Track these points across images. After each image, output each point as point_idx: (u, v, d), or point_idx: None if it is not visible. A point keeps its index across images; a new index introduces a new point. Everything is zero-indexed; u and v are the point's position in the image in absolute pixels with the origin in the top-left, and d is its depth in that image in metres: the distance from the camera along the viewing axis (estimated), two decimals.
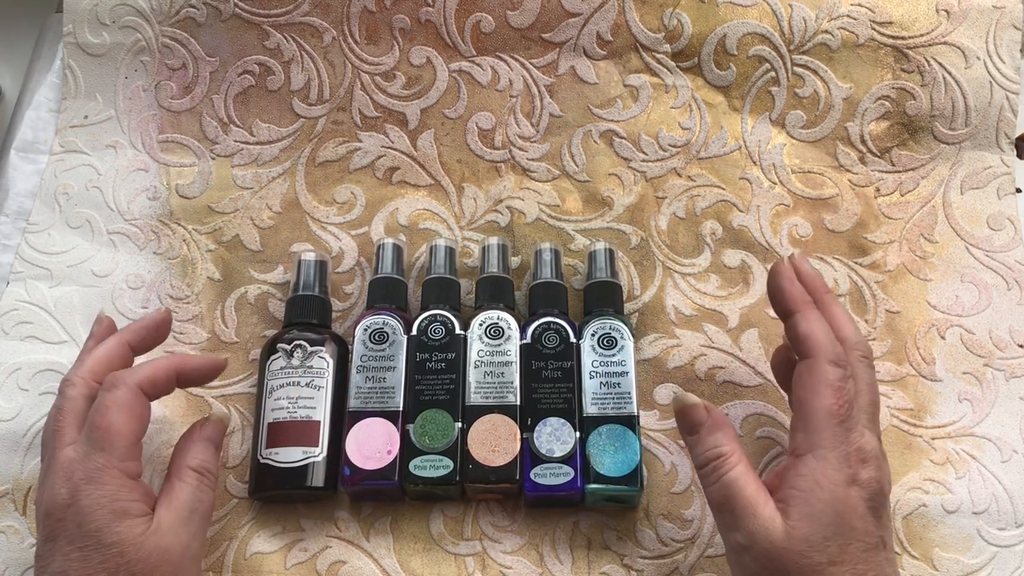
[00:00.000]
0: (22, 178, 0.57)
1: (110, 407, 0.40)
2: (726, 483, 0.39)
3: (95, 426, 0.39)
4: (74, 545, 0.37)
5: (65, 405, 0.41)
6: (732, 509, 0.39)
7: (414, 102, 0.57)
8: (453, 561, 0.46)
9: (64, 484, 0.38)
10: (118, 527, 0.38)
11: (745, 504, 0.38)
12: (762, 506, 0.38)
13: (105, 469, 0.39)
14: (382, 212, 0.55)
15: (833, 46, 0.55)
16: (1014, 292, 0.52)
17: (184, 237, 0.55)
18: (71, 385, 0.42)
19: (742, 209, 0.55)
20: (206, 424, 0.44)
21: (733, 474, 0.39)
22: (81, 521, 0.38)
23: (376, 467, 0.45)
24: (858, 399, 0.40)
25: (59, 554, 0.38)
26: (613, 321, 0.48)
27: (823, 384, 0.39)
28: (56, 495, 0.38)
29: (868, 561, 0.37)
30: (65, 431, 0.40)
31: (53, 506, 0.38)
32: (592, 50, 0.56)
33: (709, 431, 0.41)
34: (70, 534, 0.38)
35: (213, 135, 0.57)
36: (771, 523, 0.37)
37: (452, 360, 0.47)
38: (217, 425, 0.45)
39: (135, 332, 0.45)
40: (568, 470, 0.45)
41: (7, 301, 0.53)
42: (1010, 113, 0.55)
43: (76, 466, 0.39)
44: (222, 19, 0.57)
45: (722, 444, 0.40)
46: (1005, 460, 0.48)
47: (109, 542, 0.37)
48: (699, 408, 0.41)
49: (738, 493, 0.38)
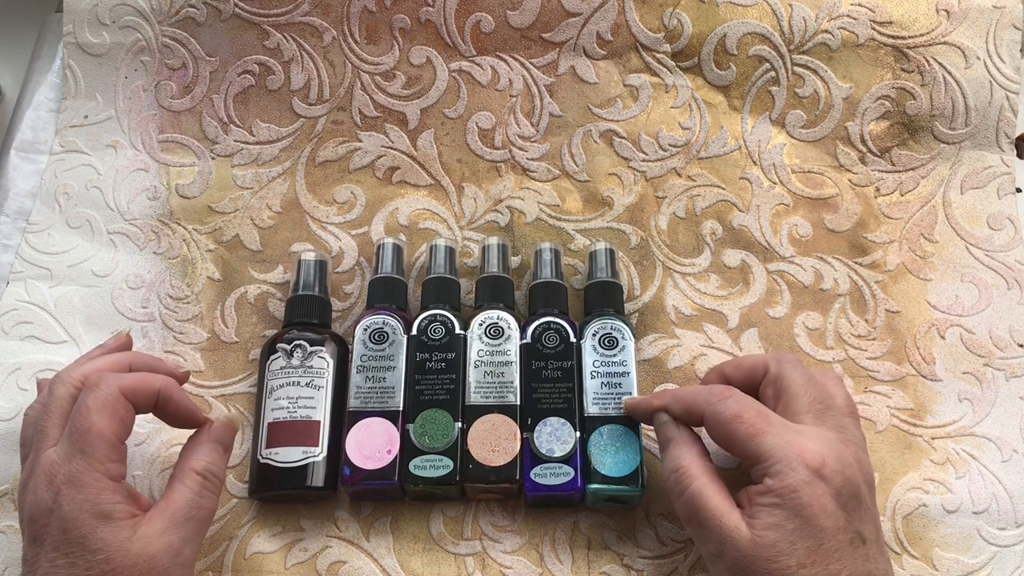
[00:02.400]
0: (22, 178, 0.57)
1: (91, 407, 0.39)
2: (689, 497, 0.39)
3: (76, 427, 0.38)
4: (60, 551, 0.37)
5: (51, 405, 0.40)
6: (699, 522, 0.39)
7: (414, 102, 0.57)
8: (453, 561, 0.46)
9: (47, 488, 0.38)
10: (102, 532, 0.37)
11: (710, 516, 0.38)
12: (727, 516, 0.38)
13: (86, 472, 0.38)
14: (382, 212, 0.55)
15: (833, 46, 0.55)
16: (1014, 292, 0.52)
17: (184, 237, 0.55)
18: (60, 384, 0.41)
19: (742, 209, 0.55)
20: (215, 425, 0.43)
21: (695, 487, 0.39)
22: (65, 527, 0.37)
23: (376, 467, 0.45)
24: (796, 402, 0.40)
25: (45, 560, 0.37)
26: (614, 321, 0.48)
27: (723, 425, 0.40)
28: (39, 499, 0.38)
29: (842, 560, 0.36)
30: (49, 432, 0.39)
31: (37, 511, 0.38)
32: (592, 50, 0.56)
33: (676, 445, 0.41)
34: (55, 540, 0.37)
35: (213, 135, 0.57)
36: (737, 532, 0.37)
37: (452, 360, 0.47)
38: (227, 427, 0.44)
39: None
40: (568, 470, 0.45)
41: (7, 301, 0.53)
42: (1010, 113, 0.55)
43: (57, 469, 0.38)
44: (222, 19, 0.57)
45: (683, 457, 0.40)
46: (1005, 460, 0.48)
47: (94, 548, 0.37)
48: (670, 425, 0.42)
49: (703, 506, 0.39)
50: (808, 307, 0.52)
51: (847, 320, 0.52)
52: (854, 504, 0.38)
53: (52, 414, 0.40)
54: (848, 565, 0.36)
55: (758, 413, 0.39)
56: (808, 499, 0.37)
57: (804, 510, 0.36)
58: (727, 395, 0.40)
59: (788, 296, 0.53)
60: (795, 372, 0.41)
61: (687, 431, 0.42)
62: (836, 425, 0.40)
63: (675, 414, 0.42)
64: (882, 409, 0.50)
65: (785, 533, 0.36)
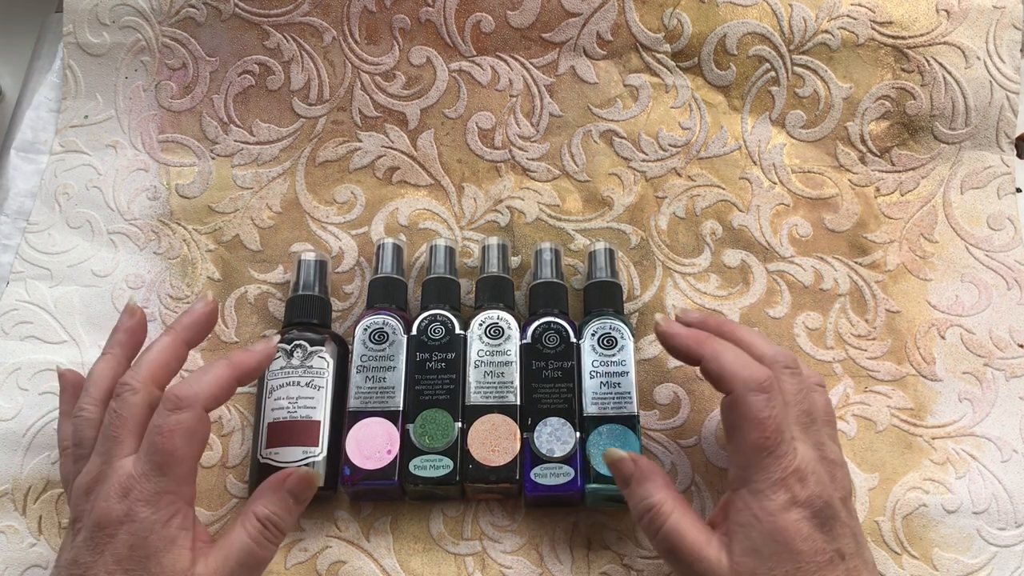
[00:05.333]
0: (22, 178, 0.57)
1: (175, 431, 0.38)
2: (665, 534, 0.39)
3: (158, 449, 0.37)
4: (121, 566, 0.36)
5: (125, 412, 0.39)
6: (679, 558, 0.38)
7: (414, 102, 0.57)
8: (453, 561, 0.46)
9: (120, 500, 0.37)
10: (165, 557, 0.37)
11: (688, 551, 0.38)
12: (705, 548, 0.38)
13: (164, 493, 0.37)
14: (382, 212, 0.55)
15: (833, 46, 0.55)
16: (1014, 292, 0.52)
17: (184, 237, 0.55)
18: (132, 391, 0.40)
19: (742, 209, 0.55)
20: (293, 476, 0.41)
21: (670, 524, 0.39)
22: (133, 543, 0.36)
23: (376, 467, 0.45)
24: (787, 414, 0.39)
25: (103, 570, 0.36)
26: (613, 321, 0.48)
27: (746, 419, 0.38)
28: (111, 509, 0.37)
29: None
30: (124, 440, 0.39)
31: (107, 519, 0.37)
32: (592, 50, 0.56)
33: (638, 483, 0.40)
34: (118, 553, 0.36)
35: (213, 135, 0.57)
36: (717, 564, 0.37)
37: (452, 360, 0.47)
38: (304, 480, 0.41)
39: (188, 329, 0.43)
40: (568, 470, 0.45)
41: (7, 301, 0.53)
42: (1010, 113, 0.55)
43: (135, 484, 0.37)
44: (222, 19, 0.57)
45: (652, 495, 0.40)
46: (1005, 460, 0.48)
47: (154, 571, 0.36)
48: (626, 461, 0.41)
49: (680, 542, 0.38)
50: (808, 307, 0.52)
51: (847, 320, 0.52)
52: (831, 524, 0.38)
53: (127, 421, 0.39)
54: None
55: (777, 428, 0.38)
56: (784, 523, 0.37)
57: (779, 534, 0.37)
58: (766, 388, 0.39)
59: (788, 296, 0.53)
60: (790, 382, 0.41)
61: (645, 463, 0.41)
62: (816, 442, 0.40)
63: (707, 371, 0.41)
64: (882, 409, 0.50)
65: (762, 560, 0.37)
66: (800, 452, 0.38)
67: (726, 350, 0.41)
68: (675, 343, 0.42)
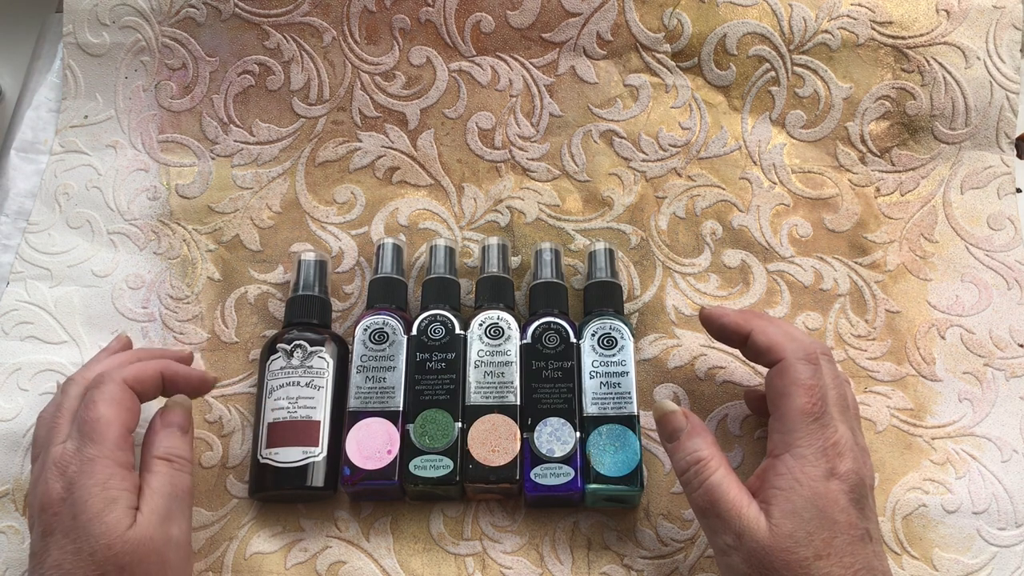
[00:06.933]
0: (22, 178, 0.57)
1: (98, 401, 0.40)
2: (709, 488, 0.40)
3: (84, 419, 0.40)
4: (69, 538, 0.38)
5: (65, 403, 0.42)
6: (718, 513, 0.39)
7: (414, 102, 0.57)
8: (453, 561, 0.46)
9: (59, 478, 0.39)
10: (107, 517, 0.38)
11: (729, 507, 0.39)
12: (746, 507, 0.39)
13: (97, 459, 0.39)
14: (382, 212, 0.55)
15: (833, 46, 0.55)
16: (1014, 292, 0.52)
17: (184, 237, 0.55)
18: (72, 384, 0.43)
19: (742, 209, 0.55)
20: (166, 411, 0.44)
21: (715, 478, 0.40)
22: (76, 512, 0.38)
23: (376, 467, 0.45)
24: (827, 395, 0.41)
25: (55, 548, 0.38)
26: (613, 321, 0.48)
27: (795, 384, 0.40)
28: (51, 490, 0.39)
29: (855, 554, 0.37)
30: (60, 429, 0.41)
31: (48, 501, 0.39)
32: (592, 50, 0.56)
33: (688, 436, 0.41)
34: (65, 527, 0.38)
35: (213, 135, 0.57)
36: (756, 523, 0.38)
37: (452, 360, 0.47)
38: (177, 410, 0.44)
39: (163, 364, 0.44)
40: (568, 470, 0.45)
41: (7, 301, 0.53)
42: (1010, 113, 0.55)
43: (69, 460, 0.39)
44: (222, 19, 0.57)
45: (701, 449, 0.41)
46: (1005, 460, 0.48)
47: (98, 532, 0.38)
48: (678, 415, 0.42)
49: (722, 497, 0.39)
50: (808, 307, 0.52)
51: (847, 320, 0.52)
52: (863, 503, 0.39)
53: (64, 413, 0.41)
54: (860, 559, 0.37)
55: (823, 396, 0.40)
56: (825, 491, 0.38)
57: (819, 500, 0.38)
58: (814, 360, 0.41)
59: (788, 296, 0.53)
60: (829, 367, 0.42)
61: (696, 419, 0.42)
62: (851, 427, 0.41)
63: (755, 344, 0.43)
64: (882, 409, 0.50)
65: (802, 523, 0.37)
66: (840, 429, 0.40)
67: (772, 323, 0.43)
68: (723, 321, 0.45)
